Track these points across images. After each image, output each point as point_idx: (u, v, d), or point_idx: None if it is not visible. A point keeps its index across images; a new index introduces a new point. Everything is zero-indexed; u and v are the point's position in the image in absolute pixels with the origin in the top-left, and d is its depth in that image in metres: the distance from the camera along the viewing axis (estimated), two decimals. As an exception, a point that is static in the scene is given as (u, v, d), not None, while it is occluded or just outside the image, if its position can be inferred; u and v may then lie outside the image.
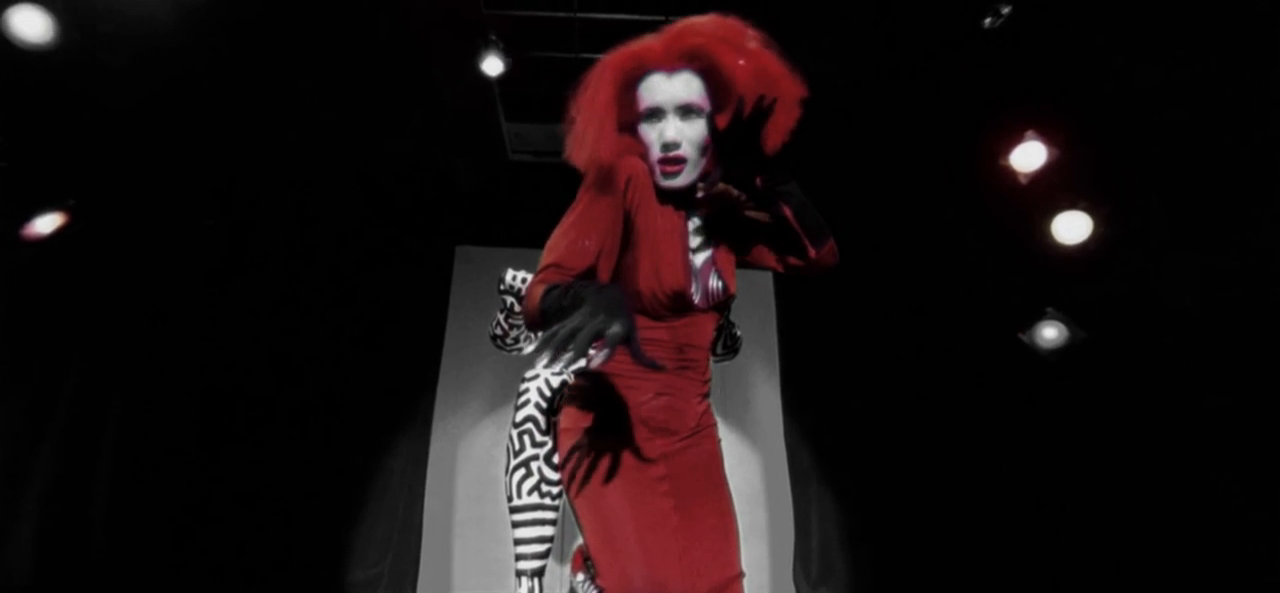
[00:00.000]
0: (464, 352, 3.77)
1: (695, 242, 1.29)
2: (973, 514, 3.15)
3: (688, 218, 1.28)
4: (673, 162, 1.19)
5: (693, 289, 1.25)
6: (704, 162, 1.22)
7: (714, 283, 1.27)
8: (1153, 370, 2.44)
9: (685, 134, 1.19)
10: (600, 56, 1.24)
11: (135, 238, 2.76)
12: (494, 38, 2.86)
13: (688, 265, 1.25)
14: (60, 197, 2.40)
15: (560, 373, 1.83)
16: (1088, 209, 2.68)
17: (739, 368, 3.70)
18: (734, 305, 1.42)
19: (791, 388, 3.72)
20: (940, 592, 3.20)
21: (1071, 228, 2.70)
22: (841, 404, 3.64)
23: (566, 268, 1.16)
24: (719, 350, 1.83)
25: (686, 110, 1.19)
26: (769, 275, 3.87)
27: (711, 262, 1.29)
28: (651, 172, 1.22)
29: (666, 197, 1.24)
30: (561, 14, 2.87)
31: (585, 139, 1.19)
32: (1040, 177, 2.74)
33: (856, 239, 3.65)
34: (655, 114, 1.20)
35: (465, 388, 3.76)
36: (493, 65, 2.90)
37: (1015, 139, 2.73)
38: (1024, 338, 2.85)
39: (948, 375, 3.36)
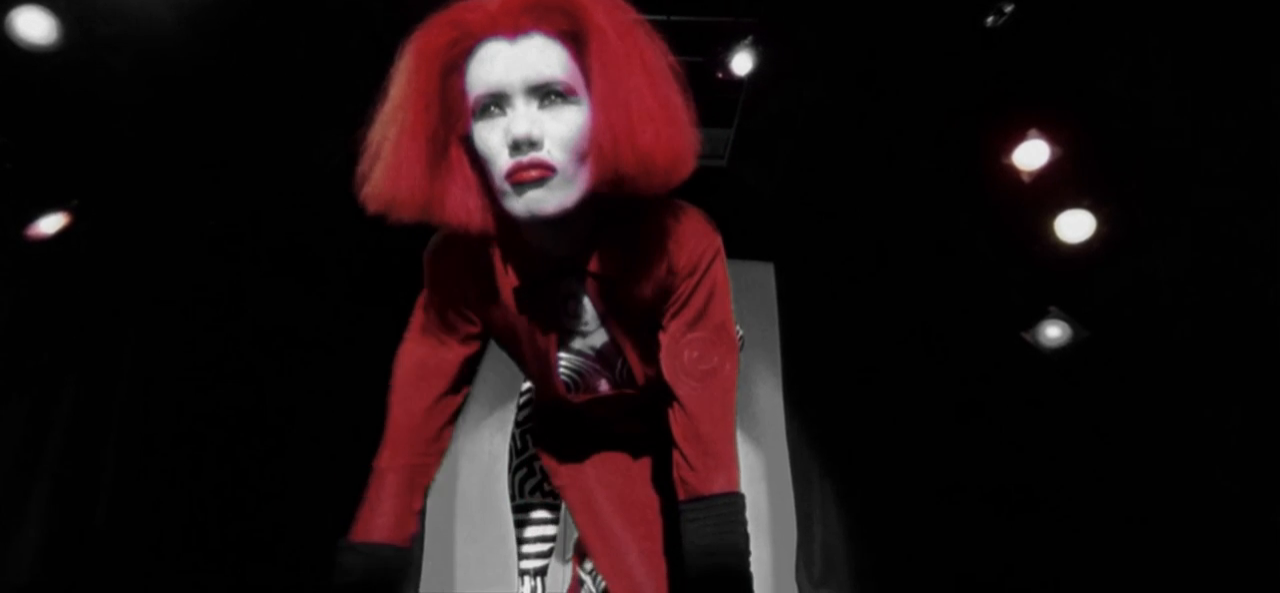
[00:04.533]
0: (466, 350, 3.77)
1: (586, 320, 0.95)
2: (976, 514, 3.14)
3: (565, 286, 0.91)
4: (530, 167, 0.75)
5: (581, 391, 1.00)
6: (583, 176, 0.79)
7: (618, 370, 0.99)
8: (1157, 370, 2.43)
9: (547, 129, 0.76)
10: None
11: (138, 238, 2.76)
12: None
13: (561, 373, 0.97)
14: (64, 197, 2.41)
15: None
16: (1091, 208, 2.67)
17: (741, 366, 3.70)
18: (736, 305, 1.09)
19: (793, 386, 3.71)
20: (943, 591, 3.19)
21: (1075, 227, 2.69)
22: (844, 403, 3.64)
23: (414, 432, 0.96)
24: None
25: (546, 92, 0.77)
26: (771, 273, 3.87)
27: (613, 345, 0.96)
28: (500, 197, 0.79)
29: (524, 250, 0.85)
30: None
31: (377, 162, 0.78)
32: (1043, 175, 2.73)
33: (858, 237, 3.66)
34: (493, 103, 0.77)
35: (467, 386, 3.76)
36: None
37: (1018, 137, 2.72)
38: (1027, 337, 2.84)
39: (950, 374, 3.36)
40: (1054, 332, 2.77)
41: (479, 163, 0.80)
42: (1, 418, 2.29)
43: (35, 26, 2.16)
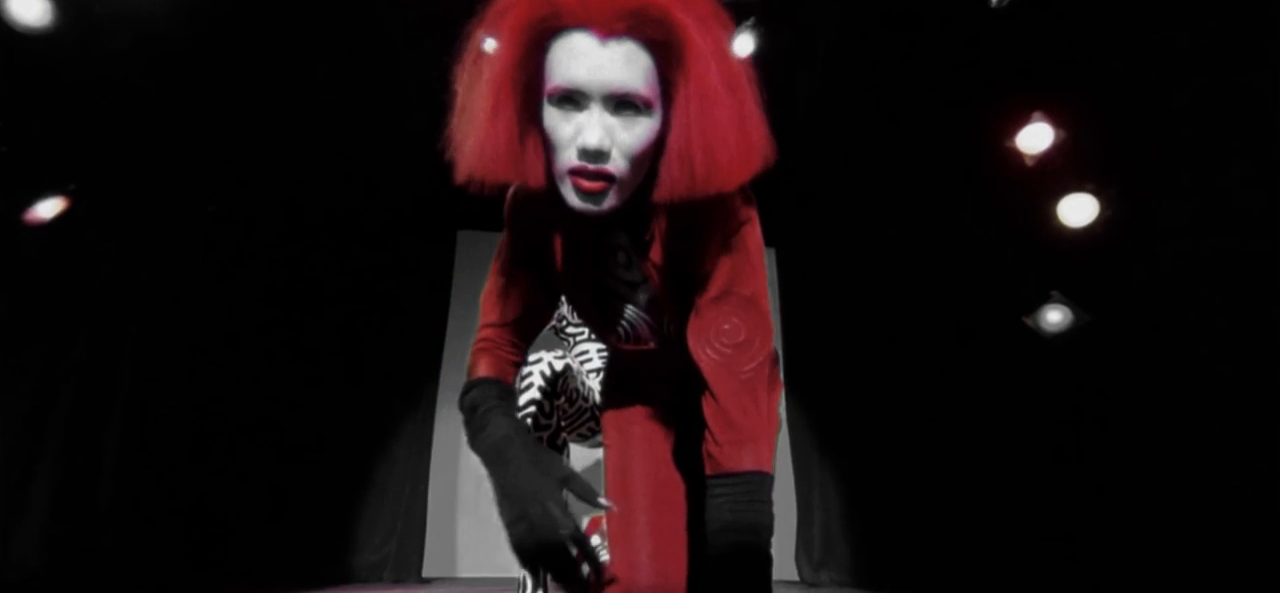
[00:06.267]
0: (467, 337, 3.75)
1: (634, 274, 0.97)
2: (975, 498, 3.16)
3: (614, 239, 0.94)
4: (594, 177, 0.78)
5: (632, 338, 1.02)
6: (639, 177, 0.82)
7: (663, 325, 1.00)
8: (1159, 355, 2.43)
9: (618, 139, 0.77)
10: None
11: (137, 223, 2.75)
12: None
13: (615, 323, 0.99)
14: (61, 182, 2.40)
15: (563, 357, 1.82)
16: (1095, 191, 2.65)
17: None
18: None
19: (793, 371, 3.72)
20: (942, 576, 3.21)
21: (1078, 210, 2.68)
22: (844, 387, 3.64)
23: (501, 324, 0.99)
24: None
25: (623, 103, 0.77)
26: (772, 256, 3.86)
27: (653, 297, 0.98)
28: (556, 180, 0.82)
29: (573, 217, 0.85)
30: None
31: (468, 125, 0.80)
32: (1047, 158, 2.71)
33: (859, 222, 3.65)
34: (572, 100, 0.77)
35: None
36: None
37: (1022, 120, 2.70)
38: (1029, 322, 2.83)
39: (951, 359, 3.36)
40: (1056, 316, 2.77)
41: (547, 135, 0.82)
42: (3, 406, 2.29)
43: (29, 8, 2.14)
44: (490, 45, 0.78)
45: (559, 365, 1.78)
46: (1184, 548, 2.23)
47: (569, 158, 0.78)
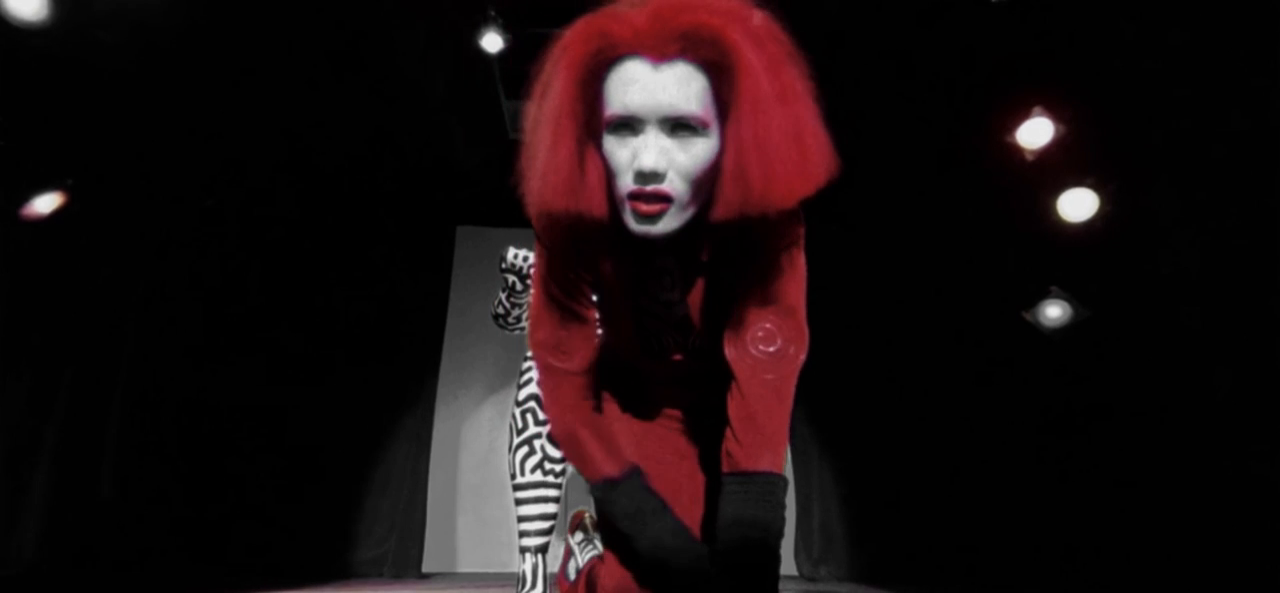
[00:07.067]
0: (466, 332, 3.77)
1: (674, 291, 0.96)
2: (974, 495, 3.16)
3: (662, 261, 0.94)
4: (650, 199, 0.79)
5: (656, 357, 1.02)
6: (698, 199, 0.82)
7: (690, 341, 1.00)
8: (1160, 351, 2.43)
9: (674, 160, 0.78)
10: None
11: (134, 220, 2.75)
12: (493, 13, 2.83)
13: (652, 339, 1.00)
14: (58, 176, 2.39)
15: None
16: (1094, 186, 2.65)
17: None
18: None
19: (794, 368, 3.71)
20: (941, 573, 3.22)
21: (1077, 205, 2.67)
22: (843, 382, 3.64)
23: (582, 372, 0.97)
24: None
25: (678, 126, 0.78)
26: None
27: (690, 318, 0.98)
28: (617, 208, 0.82)
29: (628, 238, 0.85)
30: (562, -11, 2.83)
31: (533, 159, 0.80)
32: (1047, 153, 2.71)
33: (859, 216, 3.64)
34: (628, 126, 0.79)
35: (468, 367, 3.77)
36: (492, 42, 2.87)
37: (1022, 115, 2.70)
38: (1028, 317, 2.83)
39: (950, 354, 3.36)
40: (1055, 311, 2.77)
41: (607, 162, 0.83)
42: (3, 397, 2.29)
43: (26, 3, 2.13)
44: (549, 81, 0.81)
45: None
46: (1183, 546, 2.24)
47: (626, 182, 0.80)
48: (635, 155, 0.78)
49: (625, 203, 0.80)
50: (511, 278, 1.98)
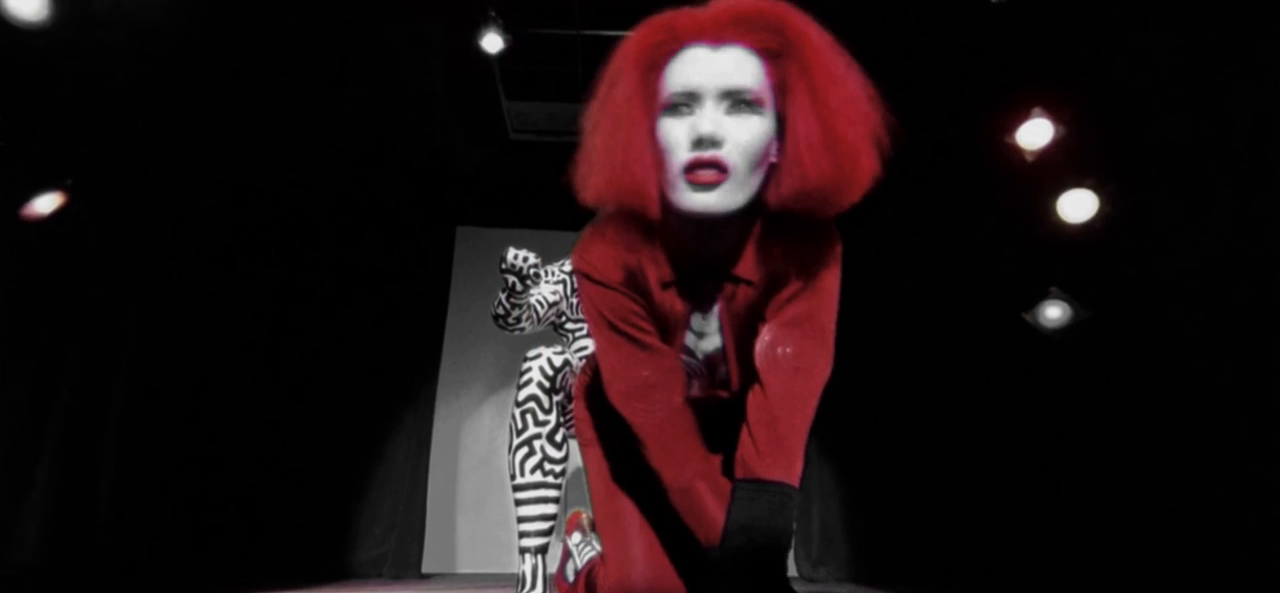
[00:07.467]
0: (466, 332, 3.77)
1: (708, 322, 0.95)
2: (974, 495, 3.16)
3: (704, 288, 0.92)
4: (707, 166, 0.79)
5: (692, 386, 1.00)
6: (753, 182, 0.82)
7: (718, 374, 0.99)
8: (1160, 352, 2.43)
9: (730, 131, 0.79)
10: (605, 34, 0.97)
11: (135, 219, 2.75)
12: (494, 14, 2.83)
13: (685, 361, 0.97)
14: (58, 176, 2.39)
15: (562, 353, 1.82)
16: (1094, 187, 2.65)
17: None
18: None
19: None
20: (940, 573, 3.22)
21: (1077, 206, 2.67)
22: (841, 383, 3.62)
23: (657, 393, 0.91)
24: None
25: (736, 99, 0.80)
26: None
27: (721, 351, 0.97)
28: (670, 188, 0.82)
29: (678, 245, 0.86)
30: (562, -10, 2.83)
31: (597, 158, 0.81)
32: (1046, 154, 2.71)
33: (857, 216, 3.64)
34: (685, 102, 0.80)
35: (467, 368, 3.77)
36: (492, 43, 2.87)
37: (1022, 116, 2.70)
38: (1028, 318, 2.83)
39: (949, 354, 3.36)
40: (1055, 312, 2.77)
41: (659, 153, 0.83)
42: (3, 397, 2.29)
43: (27, 3, 2.13)
44: (615, 73, 0.83)
45: (558, 361, 1.78)
46: (1183, 547, 2.24)
47: (682, 154, 0.80)
48: (693, 128, 0.79)
49: (681, 177, 0.80)
50: (511, 278, 1.97)
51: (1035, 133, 2.70)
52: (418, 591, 2.82)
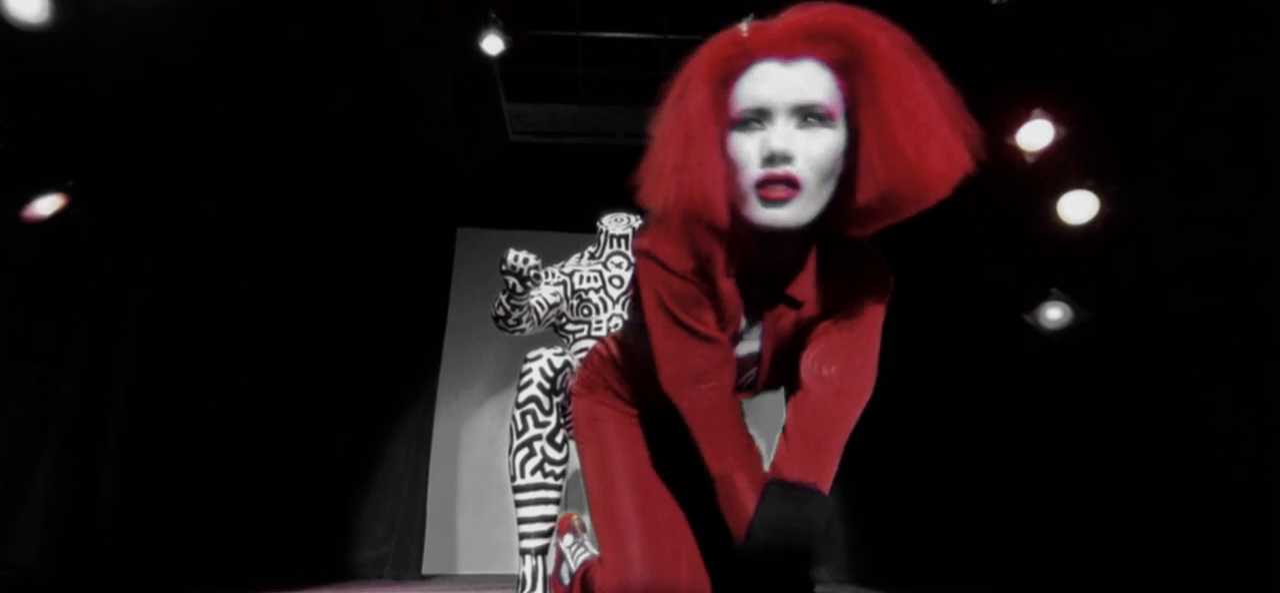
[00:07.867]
0: (466, 333, 3.77)
1: (750, 329, 0.96)
2: (973, 495, 3.16)
3: (754, 294, 0.93)
4: (779, 183, 0.80)
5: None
6: (824, 195, 0.83)
7: (746, 377, 1.01)
8: (1159, 352, 2.43)
9: (801, 147, 0.80)
10: (605, 36, 0.96)
11: (135, 220, 2.75)
12: (494, 16, 2.83)
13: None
14: (59, 178, 2.39)
15: (562, 354, 1.82)
16: (1095, 188, 2.65)
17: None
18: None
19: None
20: (940, 573, 3.21)
21: (1078, 207, 2.67)
22: (844, 385, 3.63)
23: (707, 380, 0.91)
24: None
25: (808, 114, 0.80)
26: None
27: (755, 356, 0.98)
28: (742, 202, 0.83)
29: (742, 254, 0.87)
30: (562, -9, 2.83)
31: (667, 170, 0.81)
32: (1047, 155, 2.71)
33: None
34: (756, 118, 0.81)
35: (468, 369, 3.77)
36: (493, 44, 2.87)
37: (1022, 117, 2.70)
38: (1028, 319, 2.83)
39: (949, 354, 3.36)
40: (1056, 314, 2.76)
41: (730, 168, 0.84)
42: (4, 397, 2.29)
43: (27, 4, 2.13)
44: (686, 87, 0.83)
45: (558, 362, 1.78)
46: (1183, 547, 2.23)
47: (754, 170, 0.81)
48: (764, 142, 0.80)
49: (752, 193, 0.81)
50: (512, 279, 1.97)
51: (1036, 134, 2.70)
52: (418, 592, 2.82)
